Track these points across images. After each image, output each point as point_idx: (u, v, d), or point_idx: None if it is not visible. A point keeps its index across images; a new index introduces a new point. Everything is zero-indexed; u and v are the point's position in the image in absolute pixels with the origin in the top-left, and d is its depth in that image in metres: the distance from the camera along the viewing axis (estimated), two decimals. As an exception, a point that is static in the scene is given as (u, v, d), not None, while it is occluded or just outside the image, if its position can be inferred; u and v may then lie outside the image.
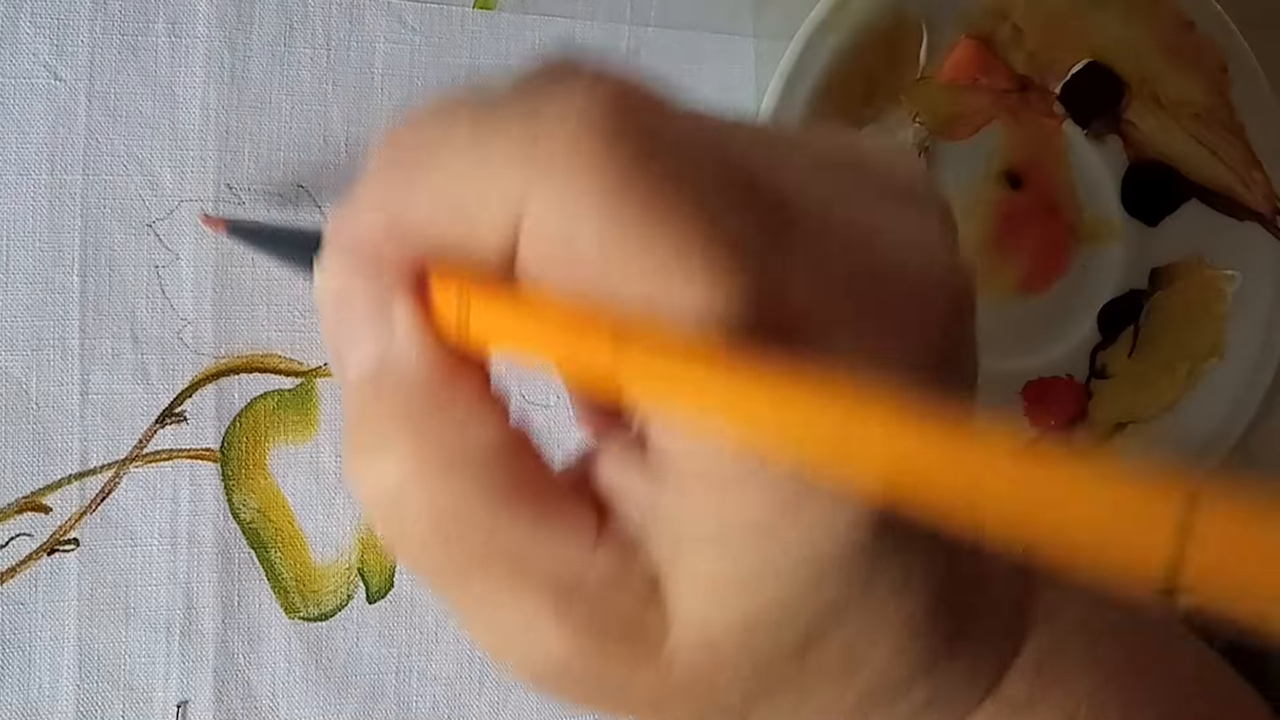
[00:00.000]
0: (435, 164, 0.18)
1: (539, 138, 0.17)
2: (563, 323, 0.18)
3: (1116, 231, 0.40)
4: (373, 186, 0.19)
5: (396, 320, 0.20)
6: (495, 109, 0.18)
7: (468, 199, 0.18)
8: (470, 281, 0.19)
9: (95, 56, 0.31)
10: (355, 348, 0.20)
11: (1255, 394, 0.41)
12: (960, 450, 0.14)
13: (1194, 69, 0.39)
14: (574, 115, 0.17)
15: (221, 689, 0.33)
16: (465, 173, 0.18)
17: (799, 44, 0.35)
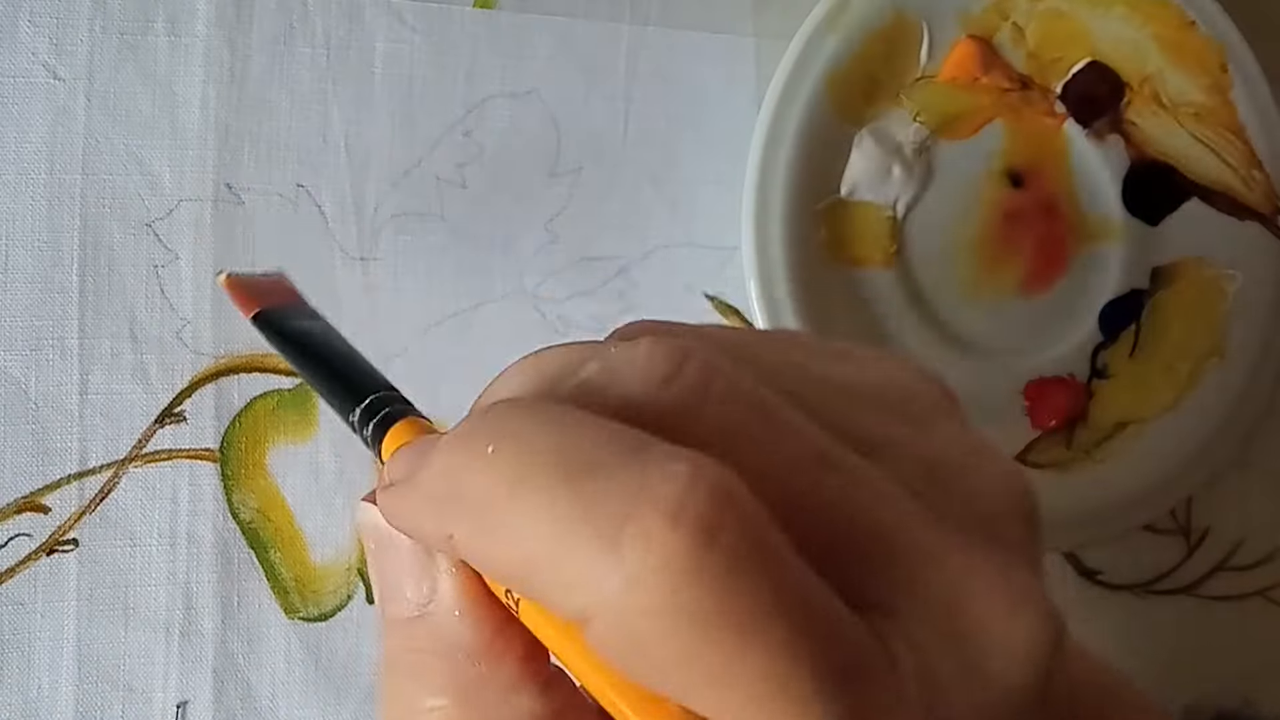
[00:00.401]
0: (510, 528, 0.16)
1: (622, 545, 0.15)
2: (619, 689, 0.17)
3: (1117, 231, 0.40)
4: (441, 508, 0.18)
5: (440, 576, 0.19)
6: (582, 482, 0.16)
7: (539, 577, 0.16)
8: None
9: (94, 56, 0.31)
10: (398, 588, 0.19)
11: (1255, 394, 0.41)
12: None
13: (1195, 69, 0.39)
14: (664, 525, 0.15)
15: (221, 689, 0.33)
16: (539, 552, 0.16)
17: (799, 44, 0.35)
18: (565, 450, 0.16)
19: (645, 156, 0.36)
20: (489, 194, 0.35)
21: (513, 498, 0.16)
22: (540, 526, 0.16)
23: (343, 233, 0.34)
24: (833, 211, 0.36)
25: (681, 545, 0.15)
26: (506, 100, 0.35)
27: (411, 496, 0.18)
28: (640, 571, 0.15)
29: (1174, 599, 0.42)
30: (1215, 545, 0.43)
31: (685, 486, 0.15)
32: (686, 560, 0.15)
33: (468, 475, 0.17)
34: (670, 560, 0.15)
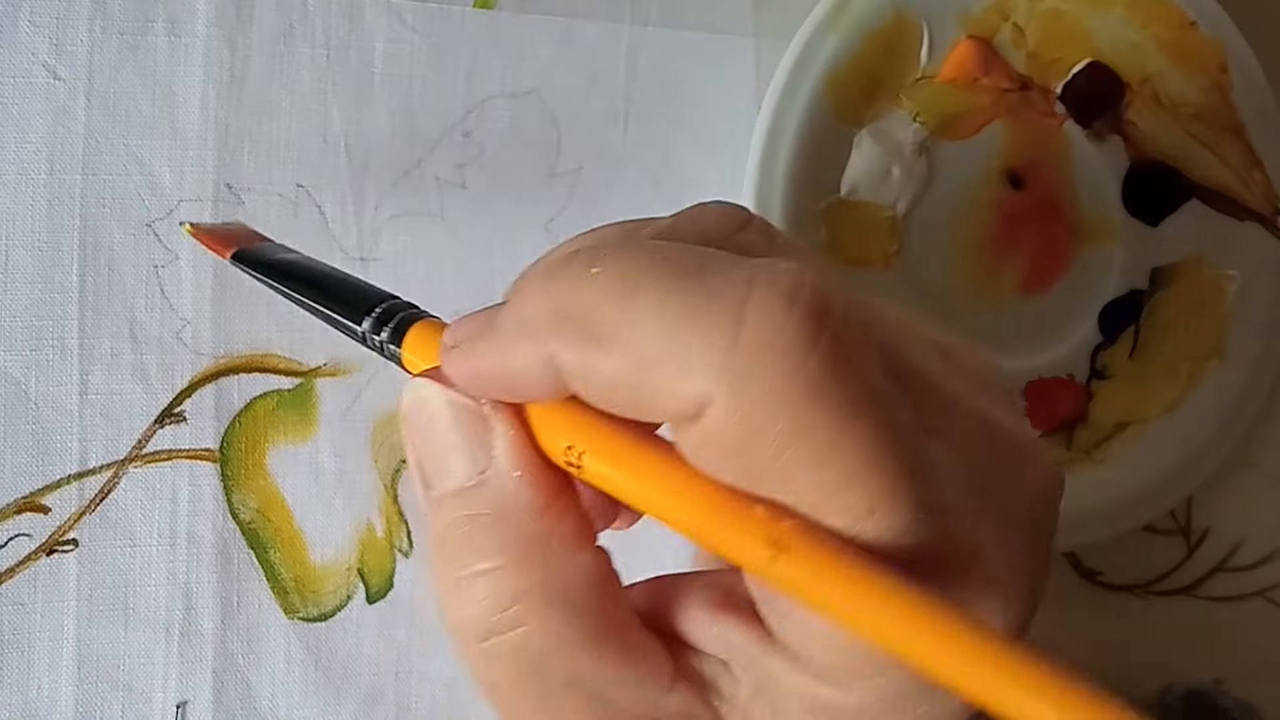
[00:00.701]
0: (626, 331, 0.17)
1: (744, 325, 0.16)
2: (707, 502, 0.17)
3: (1117, 231, 0.40)
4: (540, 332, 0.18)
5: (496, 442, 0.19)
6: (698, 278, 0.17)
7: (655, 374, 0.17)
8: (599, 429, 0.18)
9: (94, 56, 0.31)
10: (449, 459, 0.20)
11: (1255, 394, 0.41)
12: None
13: (1194, 69, 0.39)
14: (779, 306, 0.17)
15: (221, 689, 0.33)
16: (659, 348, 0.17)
17: (799, 44, 0.35)
18: (672, 260, 0.18)
19: (645, 156, 0.36)
20: (489, 194, 0.35)
21: (625, 301, 0.17)
22: (656, 323, 0.17)
23: (343, 233, 0.34)
24: (833, 211, 0.36)
25: (798, 321, 0.16)
26: (506, 100, 0.35)
27: (491, 341, 0.19)
28: (762, 346, 0.16)
29: (1174, 599, 0.42)
30: (1215, 545, 0.43)
31: (795, 277, 0.17)
32: (803, 337, 0.16)
33: (572, 294, 0.18)
34: (789, 335, 0.16)
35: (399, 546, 0.34)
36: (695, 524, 0.18)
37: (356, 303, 0.24)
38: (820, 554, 0.17)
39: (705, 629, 0.20)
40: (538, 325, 0.18)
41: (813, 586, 0.17)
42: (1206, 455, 0.40)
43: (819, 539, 0.17)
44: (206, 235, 0.30)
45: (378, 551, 0.34)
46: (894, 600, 0.16)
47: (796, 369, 0.16)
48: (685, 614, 0.20)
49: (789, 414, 0.16)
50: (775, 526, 0.17)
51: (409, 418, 0.20)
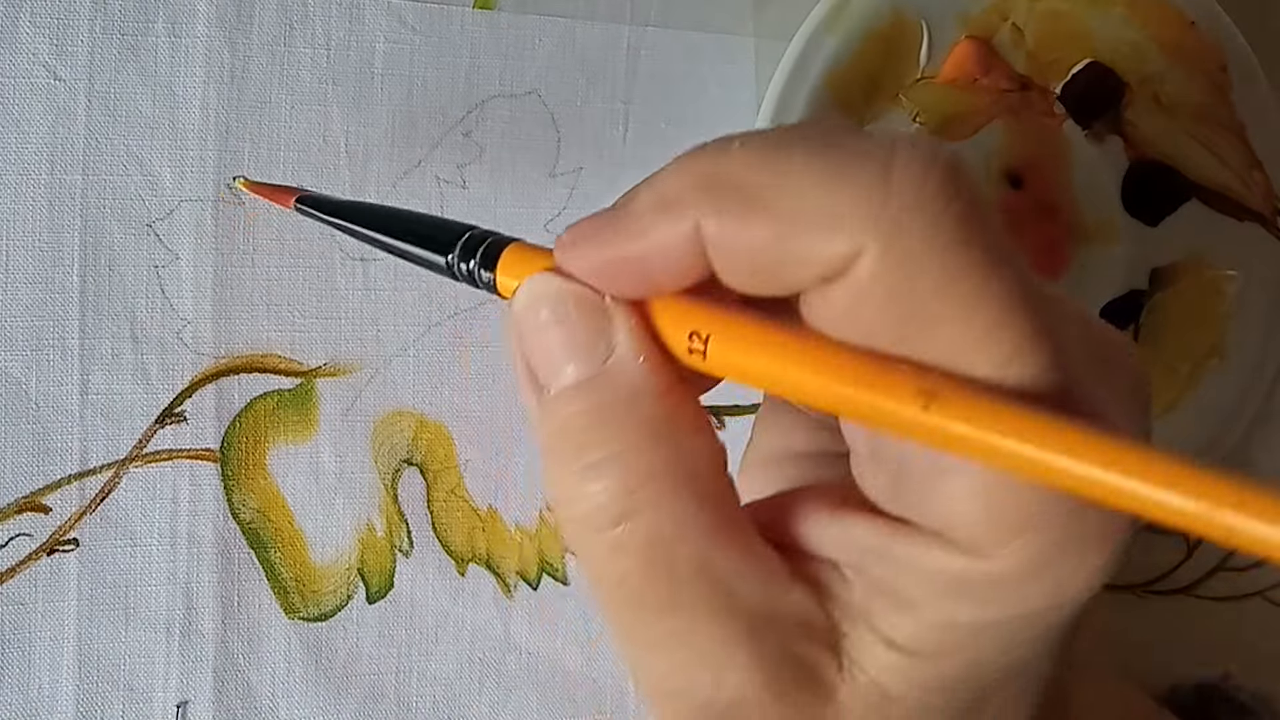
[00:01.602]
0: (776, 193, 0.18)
1: (891, 183, 0.17)
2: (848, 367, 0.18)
3: (1116, 231, 0.40)
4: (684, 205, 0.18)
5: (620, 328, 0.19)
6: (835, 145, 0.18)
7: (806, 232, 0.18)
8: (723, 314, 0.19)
9: (95, 56, 0.31)
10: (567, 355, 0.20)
11: (1255, 394, 0.41)
12: None
13: (1194, 69, 0.39)
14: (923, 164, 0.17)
15: (221, 689, 0.33)
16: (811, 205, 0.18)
17: (799, 44, 0.35)
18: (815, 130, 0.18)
19: (645, 156, 0.36)
20: (489, 194, 0.35)
21: (775, 164, 0.18)
22: (807, 182, 0.18)
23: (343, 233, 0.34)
24: (833, 212, 0.36)
25: (939, 180, 0.17)
26: (506, 100, 0.35)
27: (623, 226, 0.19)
28: (910, 203, 0.17)
29: (1174, 599, 0.42)
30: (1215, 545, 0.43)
31: (932, 142, 0.18)
32: (945, 192, 0.17)
33: (718, 165, 0.18)
34: (933, 191, 0.17)
35: (399, 546, 0.34)
36: (838, 389, 0.18)
37: (439, 235, 0.23)
38: (973, 398, 0.17)
39: (824, 530, 0.20)
40: (682, 199, 0.18)
41: (968, 431, 0.17)
42: (1207, 455, 0.40)
43: (967, 387, 0.17)
44: (263, 190, 0.31)
45: (378, 551, 0.34)
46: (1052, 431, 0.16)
47: (941, 221, 0.17)
48: (801, 520, 0.20)
49: (938, 262, 0.17)
50: (924, 377, 0.17)
51: (523, 317, 0.20)
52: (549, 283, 0.20)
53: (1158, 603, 0.42)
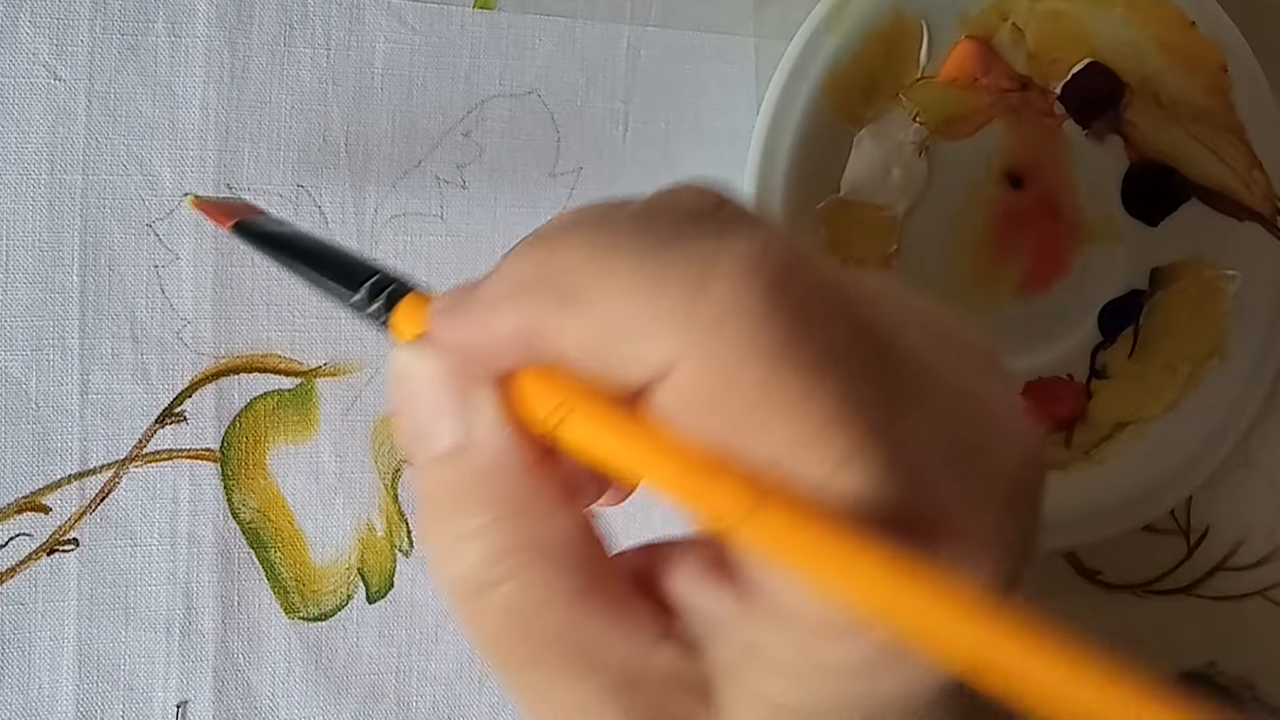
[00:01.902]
0: (597, 294, 0.18)
1: (708, 289, 0.17)
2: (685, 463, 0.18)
3: (1116, 231, 0.40)
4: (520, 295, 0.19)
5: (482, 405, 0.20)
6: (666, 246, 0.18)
7: (623, 337, 0.18)
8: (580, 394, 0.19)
9: (95, 56, 0.31)
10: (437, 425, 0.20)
11: (1255, 394, 0.41)
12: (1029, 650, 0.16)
13: (1194, 69, 0.39)
14: (743, 273, 0.17)
15: (221, 689, 0.33)
16: (627, 311, 0.18)
17: (799, 44, 0.35)
18: (648, 227, 0.18)
19: (645, 156, 0.36)
20: (489, 194, 0.35)
21: (600, 264, 0.18)
22: (627, 286, 0.17)
23: (343, 233, 0.34)
24: (833, 211, 0.36)
25: (762, 287, 0.17)
26: (506, 100, 0.35)
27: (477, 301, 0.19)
28: (725, 310, 0.17)
29: (1174, 599, 0.42)
30: (1215, 545, 0.43)
31: (764, 243, 0.17)
32: (766, 301, 0.17)
33: (551, 258, 0.18)
34: (753, 301, 0.17)
35: (399, 546, 0.34)
36: (673, 482, 0.18)
37: (351, 274, 0.24)
38: (792, 511, 0.17)
39: (692, 592, 0.20)
40: (517, 289, 0.19)
41: (786, 543, 0.17)
42: (1206, 455, 0.40)
43: (791, 497, 0.17)
44: (209, 206, 0.31)
45: (378, 551, 0.34)
46: (862, 554, 0.17)
47: (760, 331, 0.17)
48: (674, 577, 0.20)
49: (754, 372, 0.17)
50: (750, 485, 0.17)
51: (397, 384, 0.21)
52: (416, 353, 0.21)
53: (1158, 603, 0.42)
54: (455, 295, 0.20)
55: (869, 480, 0.17)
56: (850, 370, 0.17)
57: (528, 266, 0.19)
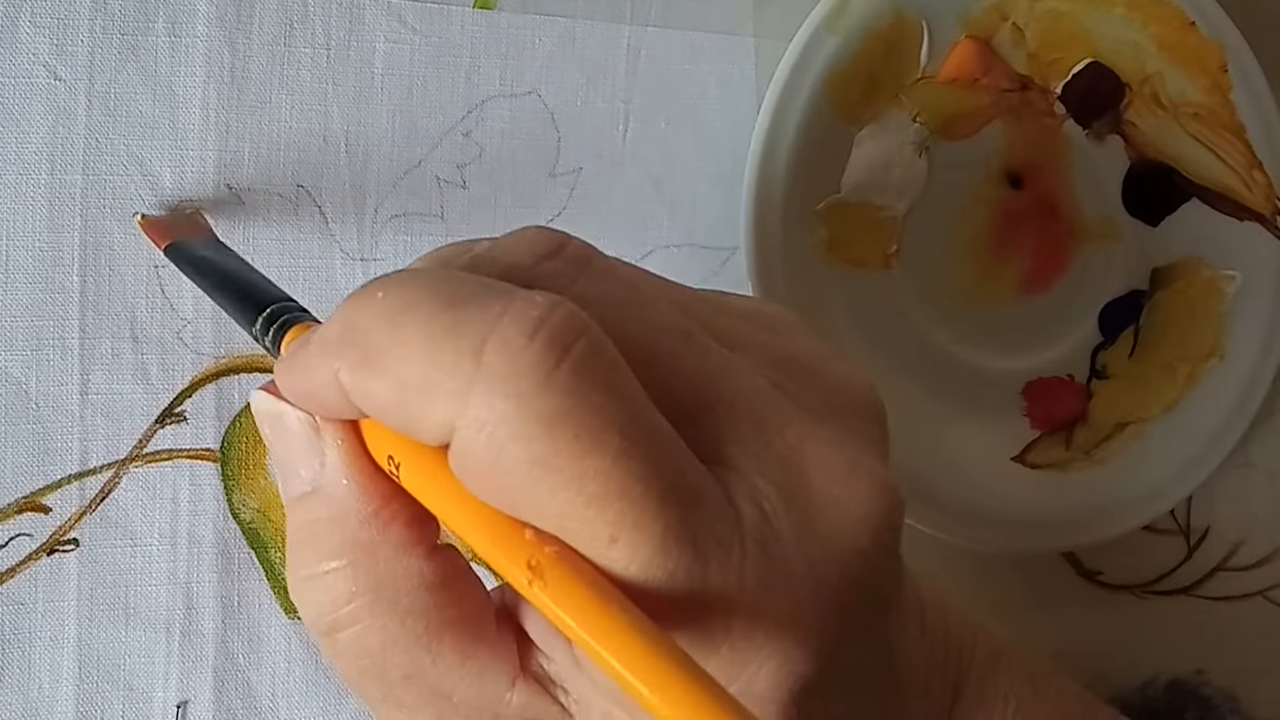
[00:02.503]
0: (388, 355, 0.18)
1: (484, 355, 0.17)
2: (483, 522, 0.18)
3: (1116, 231, 0.40)
4: (329, 351, 0.19)
5: (328, 448, 0.20)
6: (454, 309, 0.18)
7: (412, 398, 0.18)
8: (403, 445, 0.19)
9: (95, 56, 0.31)
10: (292, 467, 0.21)
11: (1255, 394, 0.41)
12: None
13: (1195, 69, 0.39)
14: (518, 338, 0.17)
15: (221, 689, 0.33)
16: (413, 373, 0.18)
17: (799, 44, 0.35)
18: (446, 291, 0.18)
19: (645, 156, 0.36)
20: (489, 194, 0.35)
21: (394, 326, 0.18)
22: (415, 348, 0.18)
23: (343, 233, 0.34)
24: (833, 211, 0.36)
25: (536, 354, 0.17)
26: (506, 100, 0.35)
27: (302, 354, 0.20)
28: (497, 378, 0.17)
29: (1174, 599, 0.42)
30: (1215, 545, 0.43)
31: (544, 311, 0.17)
32: (538, 368, 0.17)
33: (357, 315, 0.19)
34: (524, 367, 0.17)
35: (399, 546, 0.34)
36: (469, 540, 0.18)
37: (252, 302, 0.24)
38: (569, 582, 0.17)
39: (542, 636, 0.20)
40: (329, 345, 0.19)
41: (559, 615, 0.17)
42: (1206, 455, 0.40)
43: (573, 566, 0.17)
44: (152, 228, 0.31)
45: (378, 551, 0.34)
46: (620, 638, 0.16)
47: (531, 398, 0.17)
48: (529, 618, 0.20)
49: (523, 444, 0.17)
50: (536, 550, 0.17)
51: (260, 422, 0.21)
52: (264, 399, 0.21)
53: (1158, 603, 0.42)
54: (297, 342, 0.21)
55: (644, 557, 0.17)
56: (629, 441, 0.17)
57: (341, 321, 0.19)
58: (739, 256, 0.36)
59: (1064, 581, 0.41)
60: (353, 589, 0.20)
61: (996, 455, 0.39)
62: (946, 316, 0.38)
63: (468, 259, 0.20)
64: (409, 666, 0.20)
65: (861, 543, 0.19)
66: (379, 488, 0.20)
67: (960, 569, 0.39)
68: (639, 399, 0.18)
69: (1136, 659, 0.41)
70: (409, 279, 0.19)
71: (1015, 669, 0.27)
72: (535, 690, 0.20)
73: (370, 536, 0.20)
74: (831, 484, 0.19)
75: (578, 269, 0.20)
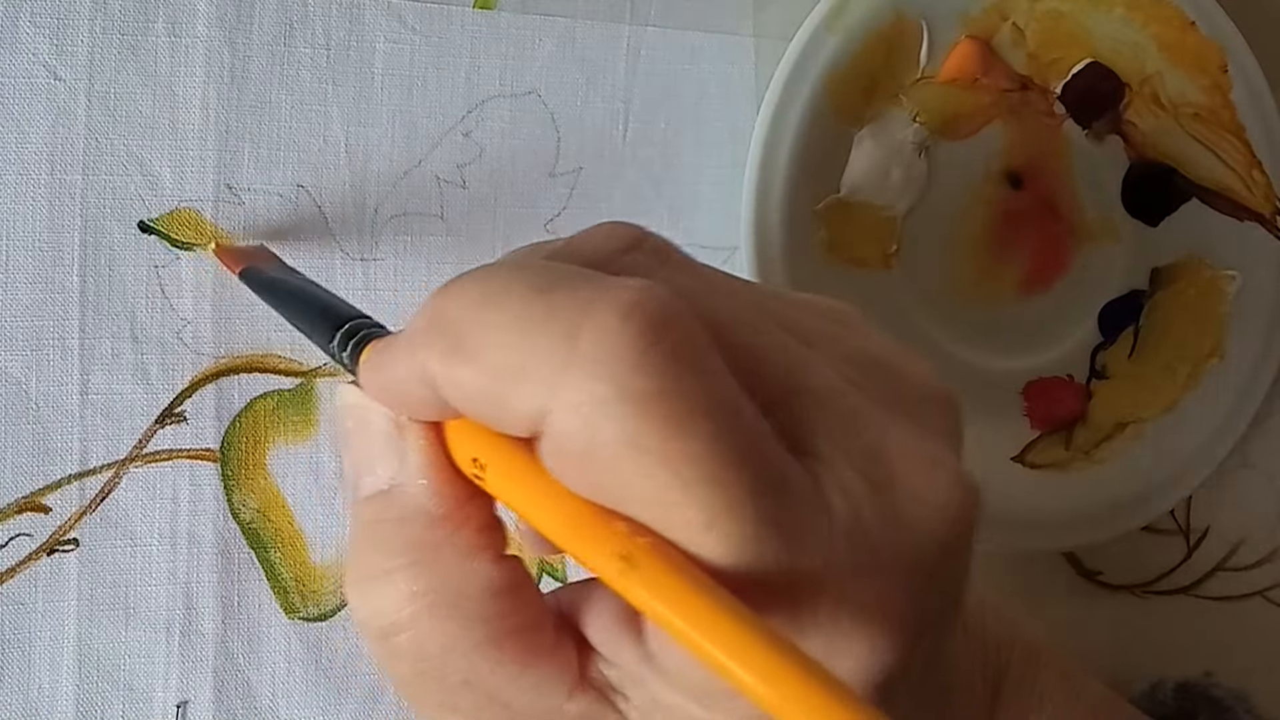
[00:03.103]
0: (480, 342, 0.18)
1: (579, 339, 0.17)
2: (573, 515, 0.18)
3: (1117, 231, 0.40)
4: (417, 344, 0.19)
5: (409, 448, 0.20)
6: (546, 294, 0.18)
7: (504, 384, 0.18)
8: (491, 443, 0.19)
9: (95, 56, 0.31)
10: (370, 465, 0.21)
11: (1255, 394, 0.41)
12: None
13: (1194, 69, 0.39)
14: (614, 321, 0.17)
15: (221, 689, 0.33)
16: (506, 359, 0.18)
17: (799, 44, 0.35)
18: (535, 277, 0.18)
19: (645, 156, 0.36)
20: (489, 194, 0.35)
21: (484, 313, 0.18)
22: (508, 334, 0.18)
23: (343, 233, 0.34)
24: (833, 211, 0.36)
25: (630, 337, 0.17)
26: (506, 100, 0.35)
27: (389, 350, 0.20)
28: (592, 359, 0.17)
29: (1174, 599, 0.42)
30: (1215, 545, 0.43)
31: (637, 294, 0.17)
32: (635, 350, 0.17)
33: (446, 305, 0.19)
34: (619, 349, 0.17)
35: (399, 546, 0.34)
36: (559, 535, 0.18)
37: (328, 320, 0.25)
38: (664, 571, 0.17)
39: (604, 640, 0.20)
40: (416, 339, 0.19)
41: (654, 605, 0.17)
42: (1206, 455, 0.40)
43: (666, 556, 0.17)
44: (227, 255, 0.32)
45: (378, 551, 0.34)
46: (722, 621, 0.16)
47: (626, 381, 0.17)
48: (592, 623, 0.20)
49: (618, 426, 0.17)
50: (628, 541, 0.17)
51: (342, 421, 0.21)
52: (353, 394, 0.21)
53: (1158, 603, 0.42)
54: (382, 342, 0.21)
55: (737, 543, 0.17)
56: (725, 422, 0.17)
57: (428, 314, 0.19)
58: (739, 256, 0.36)
59: (1064, 581, 0.41)
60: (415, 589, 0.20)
61: (996, 455, 0.39)
62: (946, 316, 0.38)
63: (551, 249, 0.20)
64: (468, 672, 0.20)
65: (942, 534, 0.19)
66: (456, 490, 0.20)
67: (960, 569, 0.39)
68: (731, 385, 0.18)
69: (1137, 659, 0.41)
70: (496, 270, 0.19)
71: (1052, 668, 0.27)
72: (594, 699, 0.20)
73: (438, 538, 0.20)
74: (913, 476, 0.19)
75: (659, 260, 0.20)
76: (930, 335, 0.38)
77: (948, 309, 0.38)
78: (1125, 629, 0.41)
